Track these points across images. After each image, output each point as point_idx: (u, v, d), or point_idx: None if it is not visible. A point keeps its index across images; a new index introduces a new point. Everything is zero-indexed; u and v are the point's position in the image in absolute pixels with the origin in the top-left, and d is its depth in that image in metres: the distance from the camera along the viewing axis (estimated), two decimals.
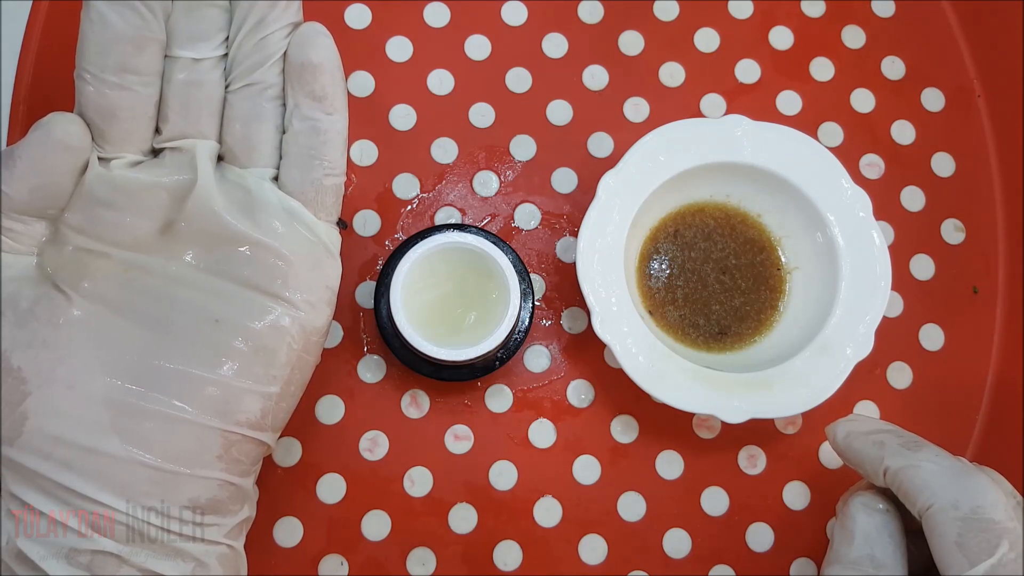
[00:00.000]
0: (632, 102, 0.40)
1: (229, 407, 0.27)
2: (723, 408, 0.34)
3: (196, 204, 0.28)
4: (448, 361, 0.33)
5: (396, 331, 0.33)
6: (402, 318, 0.32)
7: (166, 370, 0.27)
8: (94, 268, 0.28)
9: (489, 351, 0.33)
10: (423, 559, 0.36)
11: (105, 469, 0.26)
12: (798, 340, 0.36)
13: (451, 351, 0.33)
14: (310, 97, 0.29)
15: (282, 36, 0.29)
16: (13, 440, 0.26)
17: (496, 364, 0.35)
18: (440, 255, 0.34)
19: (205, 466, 0.27)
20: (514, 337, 0.34)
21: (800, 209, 0.36)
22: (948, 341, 0.40)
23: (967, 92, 0.42)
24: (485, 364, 0.35)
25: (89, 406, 0.26)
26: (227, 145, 0.30)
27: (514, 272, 0.33)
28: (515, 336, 0.34)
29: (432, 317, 0.34)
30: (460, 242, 0.33)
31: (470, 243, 0.33)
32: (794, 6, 0.42)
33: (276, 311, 0.28)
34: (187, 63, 0.28)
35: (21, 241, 0.28)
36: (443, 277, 0.34)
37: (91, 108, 0.28)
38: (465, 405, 0.37)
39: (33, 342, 0.27)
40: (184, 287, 0.28)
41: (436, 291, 0.34)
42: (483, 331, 0.33)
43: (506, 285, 0.33)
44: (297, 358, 0.29)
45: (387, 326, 0.34)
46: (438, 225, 0.37)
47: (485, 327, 0.33)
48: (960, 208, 0.41)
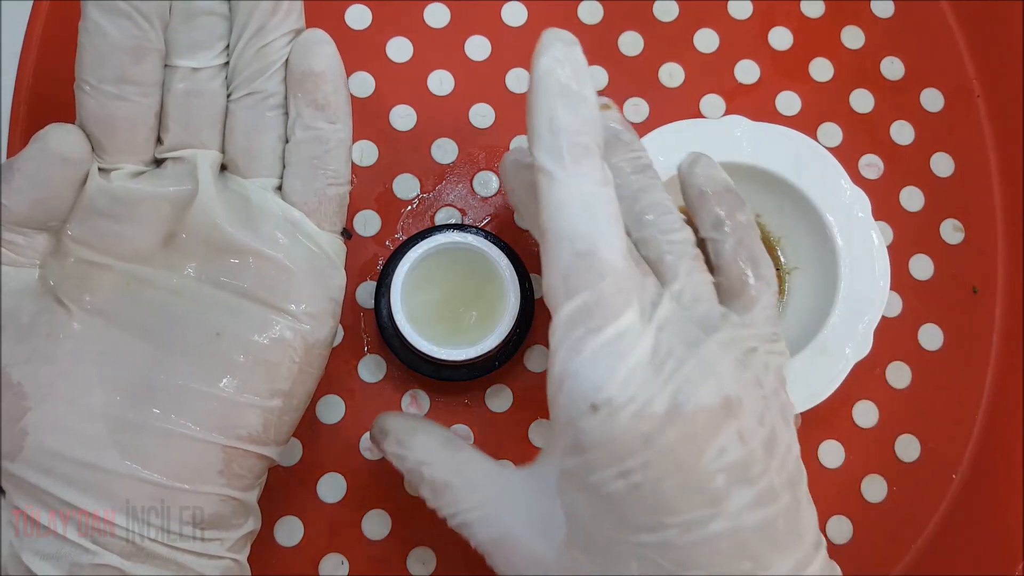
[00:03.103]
0: (632, 102, 0.40)
1: (230, 422, 0.27)
2: None
3: (197, 215, 0.28)
4: (448, 361, 0.33)
5: (396, 331, 0.33)
6: (402, 318, 0.33)
7: (167, 385, 0.27)
8: (96, 280, 0.28)
9: (489, 351, 0.33)
10: (423, 559, 0.36)
11: (106, 484, 0.26)
12: (797, 340, 0.36)
13: (451, 351, 0.33)
14: (312, 106, 0.29)
15: (283, 44, 0.28)
16: (14, 455, 0.26)
17: (496, 364, 0.35)
18: (440, 255, 0.34)
19: (206, 481, 0.27)
20: (514, 337, 0.34)
21: (799, 209, 0.36)
22: (948, 341, 0.40)
23: (966, 92, 0.42)
24: (485, 364, 0.35)
25: (89, 421, 0.26)
26: (229, 155, 0.29)
27: (514, 272, 0.33)
28: (515, 336, 0.34)
29: (432, 317, 0.34)
30: (460, 242, 0.33)
31: (470, 243, 0.33)
32: (793, 6, 0.42)
33: (278, 324, 0.28)
34: (187, 72, 0.28)
35: (23, 254, 0.28)
36: (443, 277, 0.34)
37: (91, 119, 0.27)
38: (465, 405, 0.37)
39: (33, 357, 0.27)
40: (185, 300, 0.28)
41: (436, 291, 0.34)
42: (483, 331, 0.33)
43: (506, 285, 0.33)
44: (300, 371, 0.28)
45: (387, 326, 0.34)
46: (438, 225, 0.37)
47: (485, 327, 0.33)
48: (959, 208, 0.41)
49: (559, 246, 0.24)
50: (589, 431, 0.24)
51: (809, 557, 0.25)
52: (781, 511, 0.24)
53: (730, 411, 0.24)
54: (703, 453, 0.24)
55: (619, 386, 0.23)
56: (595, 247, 0.23)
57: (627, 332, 0.24)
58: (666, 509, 0.24)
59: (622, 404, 0.23)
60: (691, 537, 0.24)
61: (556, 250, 0.24)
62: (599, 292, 0.23)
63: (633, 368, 0.24)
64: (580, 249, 0.23)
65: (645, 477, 0.23)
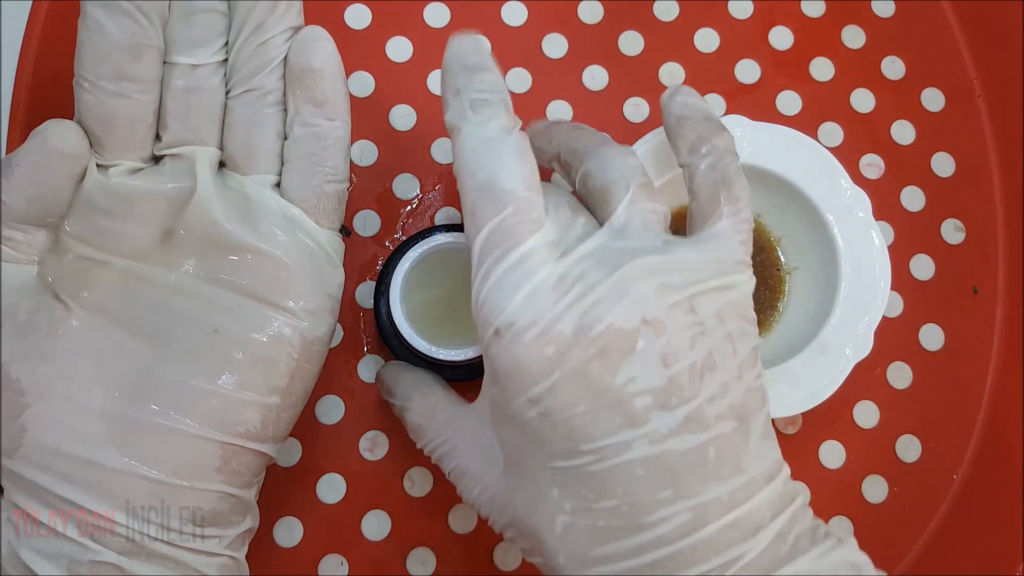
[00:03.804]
0: (632, 102, 0.40)
1: (229, 419, 0.27)
2: None
3: (195, 212, 0.28)
4: (447, 361, 0.33)
5: (396, 331, 0.33)
6: (401, 318, 0.32)
7: (165, 382, 0.27)
8: (94, 277, 0.28)
9: None
10: (423, 559, 0.36)
11: (104, 481, 0.26)
12: (797, 340, 0.36)
13: (451, 351, 0.33)
14: (311, 103, 0.29)
15: (282, 41, 0.28)
16: (12, 452, 0.26)
17: None
18: (440, 255, 0.34)
19: (205, 478, 0.27)
20: None
21: (799, 209, 0.36)
22: (948, 341, 0.40)
23: (967, 92, 0.42)
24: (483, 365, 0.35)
25: (87, 418, 0.26)
26: (228, 152, 0.29)
27: None
28: None
29: (432, 317, 0.34)
30: (460, 243, 0.33)
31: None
32: (794, 6, 0.42)
33: (276, 321, 0.28)
34: (186, 69, 0.28)
35: (21, 250, 0.28)
36: (443, 277, 0.34)
37: (90, 116, 0.27)
38: None
39: (31, 354, 0.27)
40: (184, 297, 0.28)
41: (436, 291, 0.34)
42: None
43: None
44: (298, 368, 0.28)
45: (387, 326, 0.34)
46: (438, 225, 0.37)
47: None
48: (960, 208, 0.41)
49: (464, 185, 0.25)
50: (496, 357, 0.24)
51: (750, 491, 0.24)
52: (713, 440, 0.24)
53: (649, 333, 0.24)
54: (615, 375, 0.23)
55: (519, 308, 0.24)
56: (495, 178, 0.24)
57: (530, 256, 0.24)
58: (581, 435, 0.24)
59: (524, 327, 0.24)
60: (607, 464, 0.23)
61: (463, 190, 0.25)
62: (501, 220, 0.24)
63: (535, 290, 0.24)
64: (481, 181, 0.25)
65: (554, 402, 0.24)
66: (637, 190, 0.27)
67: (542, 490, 0.25)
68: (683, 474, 0.23)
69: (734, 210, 0.27)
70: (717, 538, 0.23)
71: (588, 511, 0.24)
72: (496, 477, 0.27)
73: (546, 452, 0.24)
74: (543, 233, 0.25)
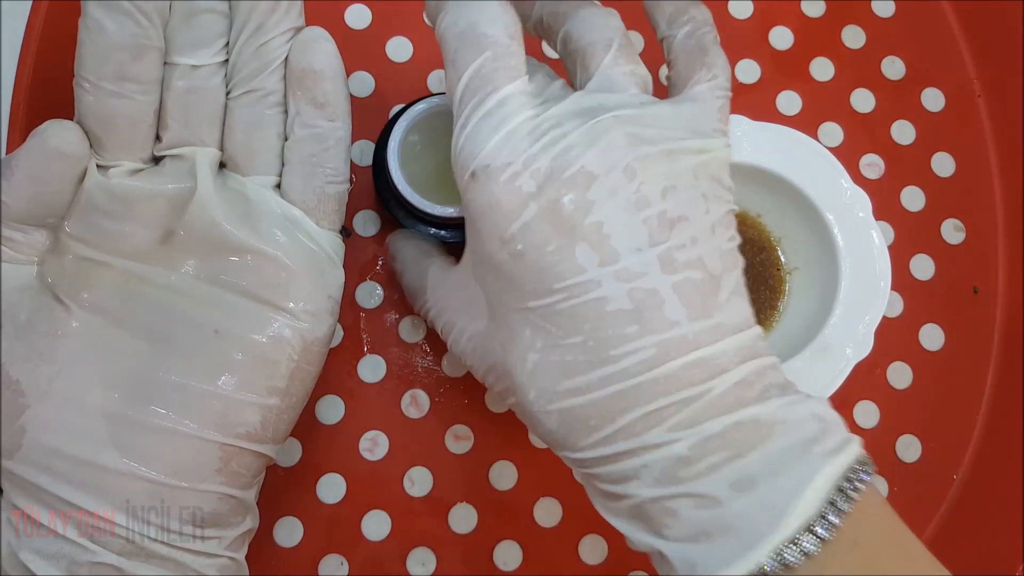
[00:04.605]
0: None
1: (229, 420, 0.27)
2: None
3: (195, 213, 0.28)
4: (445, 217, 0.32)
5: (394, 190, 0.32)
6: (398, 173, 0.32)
7: (165, 382, 0.27)
8: (94, 278, 0.28)
9: None
10: (423, 559, 0.36)
11: (104, 482, 0.26)
12: (798, 340, 0.36)
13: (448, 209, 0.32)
14: (312, 104, 0.29)
15: (283, 42, 0.28)
16: (12, 453, 0.26)
17: None
18: (440, 118, 0.33)
19: (205, 479, 0.27)
20: None
21: (800, 209, 0.36)
22: (948, 341, 0.40)
23: (967, 92, 0.42)
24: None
25: (87, 419, 0.26)
26: (228, 153, 0.29)
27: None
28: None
29: (432, 182, 0.33)
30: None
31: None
32: (794, 6, 0.42)
33: (277, 322, 0.28)
34: (186, 70, 0.28)
35: (21, 251, 0.28)
36: (442, 143, 0.34)
37: (90, 116, 0.27)
38: (465, 405, 0.37)
39: (31, 354, 0.27)
40: (184, 298, 0.28)
41: (436, 157, 0.34)
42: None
43: None
44: (298, 369, 0.28)
45: (385, 189, 0.33)
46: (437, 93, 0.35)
47: None
48: (960, 208, 0.41)
49: (445, 35, 0.25)
50: (472, 200, 0.24)
51: (715, 335, 0.24)
52: (681, 283, 0.24)
53: (622, 179, 0.24)
54: (585, 216, 0.24)
55: (494, 150, 0.24)
56: (476, 22, 0.25)
57: (508, 101, 0.24)
58: (551, 274, 0.24)
59: (498, 169, 0.24)
60: (576, 300, 0.24)
61: (444, 41, 0.25)
62: (480, 64, 0.24)
63: (510, 133, 0.24)
64: (462, 27, 0.25)
65: (527, 242, 0.24)
66: (618, 51, 0.27)
67: (516, 331, 0.25)
68: (649, 311, 0.24)
69: (710, 75, 0.27)
70: (681, 374, 0.23)
71: (556, 347, 0.24)
72: (482, 326, 0.28)
73: (521, 293, 0.25)
74: (522, 82, 0.25)
